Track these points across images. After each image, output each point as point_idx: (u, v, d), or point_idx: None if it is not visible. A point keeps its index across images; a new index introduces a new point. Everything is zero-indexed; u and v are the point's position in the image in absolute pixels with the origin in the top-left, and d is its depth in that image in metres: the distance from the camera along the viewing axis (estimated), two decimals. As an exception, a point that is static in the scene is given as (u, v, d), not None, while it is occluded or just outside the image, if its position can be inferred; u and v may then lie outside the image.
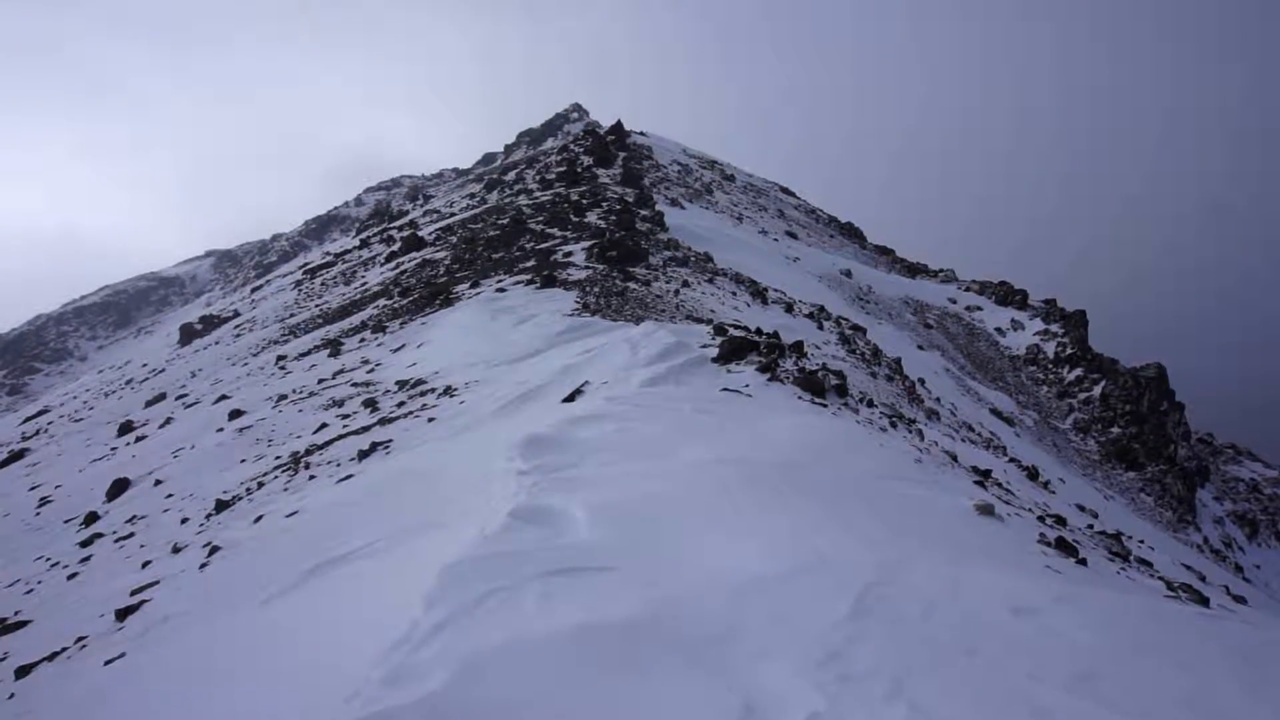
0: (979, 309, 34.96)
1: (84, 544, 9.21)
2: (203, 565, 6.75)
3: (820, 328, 16.62)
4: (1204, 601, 5.78)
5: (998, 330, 33.44)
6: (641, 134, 50.36)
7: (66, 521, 10.60)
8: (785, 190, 50.63)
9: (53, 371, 67.87)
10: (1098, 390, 29.76)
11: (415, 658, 2.44)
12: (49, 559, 9.14)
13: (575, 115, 69.21)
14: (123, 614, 6.28)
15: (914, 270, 42.08)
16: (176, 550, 7.75)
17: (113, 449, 14.84)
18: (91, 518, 10.23)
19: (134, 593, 6.77)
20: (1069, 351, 31.60)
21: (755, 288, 19.53)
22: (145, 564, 7.73)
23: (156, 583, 6.84)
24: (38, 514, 11.47)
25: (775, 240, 33.52)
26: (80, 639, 6.20)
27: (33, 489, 13.34)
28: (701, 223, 29.48)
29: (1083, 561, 5.48)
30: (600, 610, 2.67)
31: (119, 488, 11.10)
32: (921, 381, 19.40)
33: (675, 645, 2.51)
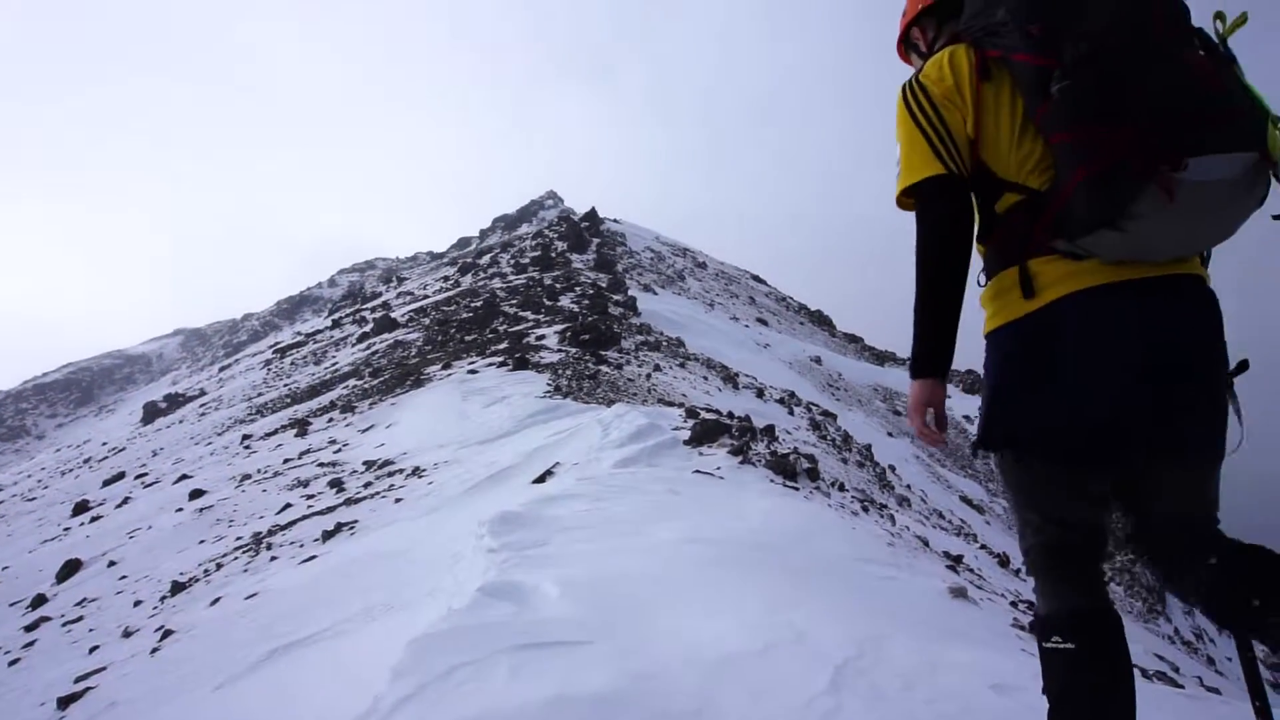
0: (947, 397, 35.37)
1: (29, 628, 8.83)
2: (154, 650, 6.47)
3: (791, 413, 16.72)
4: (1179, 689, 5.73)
5: (965, 418, 33.78)
6: (615, 221, 51.38)
7: (12, 604, 10.17)
8: (756, 278, 51.60)
9: (7, 450, 66.16)
10: (1065, 479, 30.04)
11: (380, 731, 2.35)
12: (-9, 644, 8.73)
13: (550, 202, 70.63)
14: (65, 702, 5.99)
15: (882, 358, 42.71)
16: (127, 634, 7.44)
17: (66, 529, 14.37)
18: (39, 600, 9.83)
19: (79, 679, 6.46)
20: (1036, 440, 31.99)
21: (726, 373, 19.68)
22: (93, 649, 7.41)
23: (104, 668, 6.54)
24: (-18, 597, 11.01)
25: (746, 327, 33.95)
26: (18, 728, 5.89)
27: (-22, 571, 12.82)
28: (674, 308, 29.83)
29: (1057, 647, 5.43)
30: (572, 684, 2.59)
31: (70, 569, 10.71)
32: (892, 468, 19.47)
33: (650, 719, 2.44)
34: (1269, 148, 1.62)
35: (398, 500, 9.10)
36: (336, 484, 10.97)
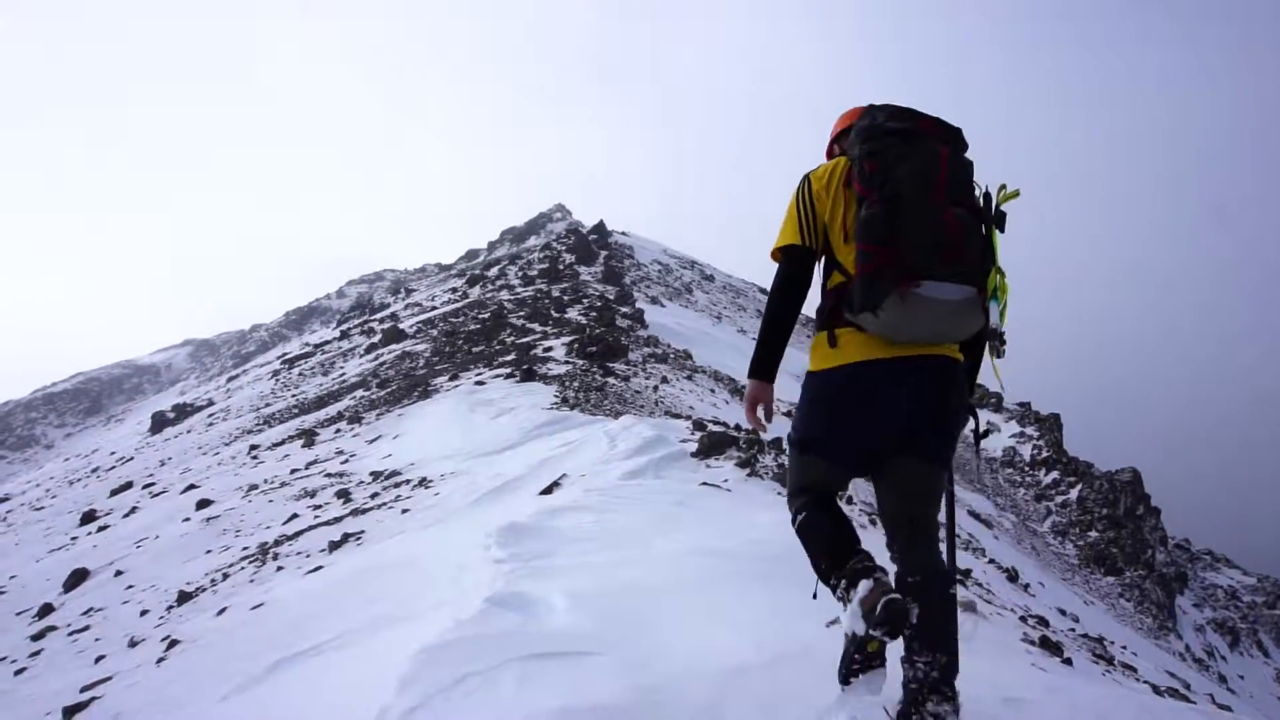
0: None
1: (35, 637, 8.82)
2: (160, 660, 6.46)
3: (799, 426, 16.67)
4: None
5: (973, 432, 33.63)
6: (623, 234, 51.53)
7: (19, 614, 10.18)
8: (764, 290, 51.59)
9: (16, 459, 66.39)
10: (1074, 494, 29.84)
11: (387, 741, 2.33)
12: (-3, 653, 8.73)
13: (558, 214, 70.86)
14: (71, 711, 5.97)
15: (890, 372, 42.59)
16: (133, 644, 7.43)
17: (73, 538, 14.39)
18: (46, 609, 9.83)
19: (84, 689, 6.45)
20: (1045, 454, 31.81)
21: (734, 385, 19.67)
22: (99, 659, 7.39)
23: (110, 678, 6.53)
24: (-11, 605, 11.01)
25: (754, 339, 33.94)
26: (24, 738, 5.89)
27: (-14, 580, 12.84)
28: (681, 321, 29.85)
29: (1068, 661, 5.39)
30: (581, 694, 2.58)
31: (77, 578, 10.72)
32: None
33: (659, 730, 2.42)
34: (986, 286, 2.45)
35: (404, 511, 9.09)
36: (343, 495, 10.97)
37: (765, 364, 2.80)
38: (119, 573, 10.45)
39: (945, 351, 2.55)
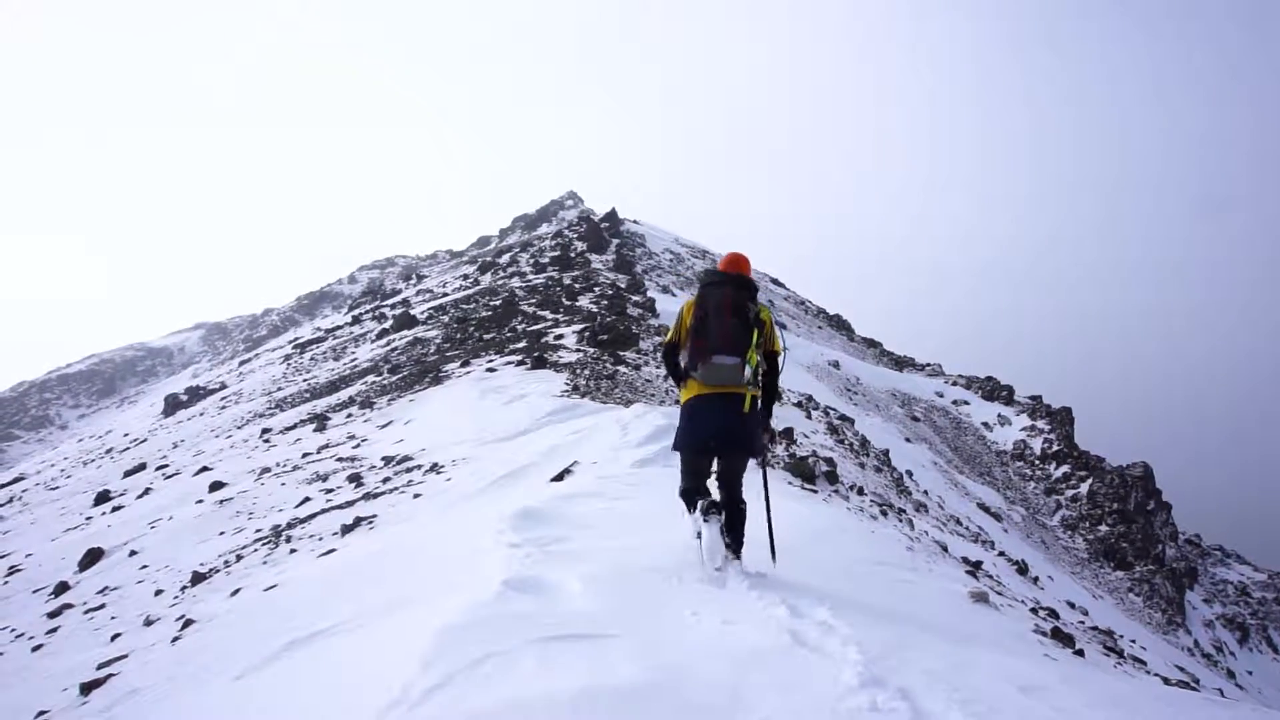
0: (966, 403, 35.13)
1: (52, 615, 8.92)
2: (175, 639, 6.52)
3: (808, 417, 16.66)
4: (1202, 700, 5.66)
5: (985, 425, 33.55)
6: (635, 222, 51.38)
7: (35, 591, 10.28)
8: (775, 281, 51.47)
9: (31, 439, 66.91)
10: (1085, 488, 29.71)
11: (411, 718, 2.35)
12: (14, 630, 8.83)
13: (570, 202, 70.66)
14: (87, 688, 6.03)
15: (901, 363, 42.47)
16: (148, 623, 7.50)
17: (88, 518, 14.52)
18: (62, 588, 9.93)
19: (100, 666, 6.51)
20: (1055, 448, 31.66)
21: (745, 375, 19.59)
22: (114, 636, 7.47)
23: (125, 656, 6.59)
24: (6, 583, 11.13)
25: (763, 329, 33.78)
26: (41, 713, 5.95)
27: (2, 557, 12.98)
28: (692, 310, 29.70)
29: (1080, 652, 5.39)
30: (600, 675, 2.60)
31: (92, 558, 10.81)
32: (909, 474, 19.36)
33: (679, 711, 2.44)
34: (746, 358, 4.58)
35: (416, 496, 9.13)
36: (355, 479, 11.03)
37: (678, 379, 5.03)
38: (133, 553, 10.54)
39: (735, 390, 4.56)
